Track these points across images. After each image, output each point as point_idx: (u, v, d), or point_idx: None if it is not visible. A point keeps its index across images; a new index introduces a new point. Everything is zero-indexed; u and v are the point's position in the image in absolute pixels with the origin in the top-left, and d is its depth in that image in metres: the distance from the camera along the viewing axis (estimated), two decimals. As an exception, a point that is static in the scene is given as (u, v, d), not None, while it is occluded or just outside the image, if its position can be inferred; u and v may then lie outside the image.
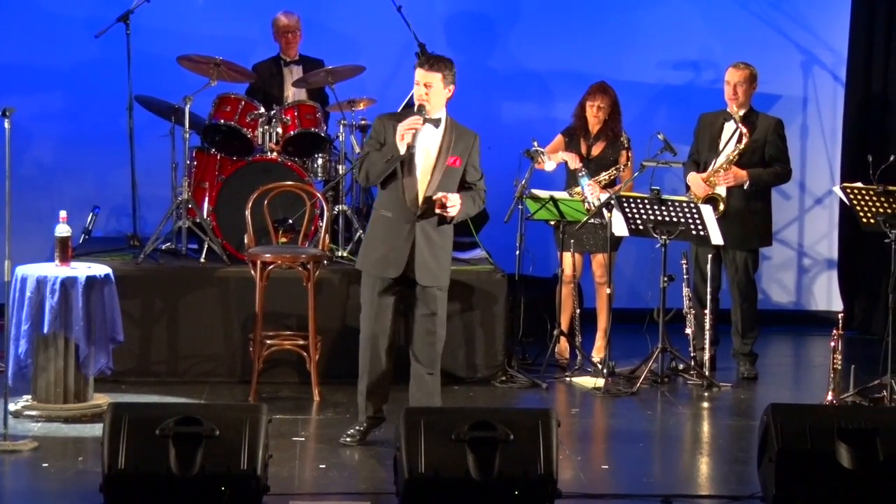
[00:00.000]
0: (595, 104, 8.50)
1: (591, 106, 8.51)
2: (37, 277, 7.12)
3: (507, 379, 8.16)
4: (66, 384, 7.16)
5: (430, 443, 5.52)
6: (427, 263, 6.64)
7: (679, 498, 6.13)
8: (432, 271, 6.65)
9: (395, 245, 6.62)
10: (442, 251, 6.69)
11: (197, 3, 9.78)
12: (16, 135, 6.76)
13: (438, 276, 6.68)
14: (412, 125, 6.52)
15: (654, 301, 8.28)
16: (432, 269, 6.65)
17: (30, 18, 9.69)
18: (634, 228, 8.14)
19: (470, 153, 6.69)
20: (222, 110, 8.60)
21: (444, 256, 6.72)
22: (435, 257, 6.66)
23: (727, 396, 8.08)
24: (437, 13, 9.92)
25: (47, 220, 7.93)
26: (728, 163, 8.27)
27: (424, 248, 6.63)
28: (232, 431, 5.51)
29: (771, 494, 5.71)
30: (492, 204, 9.35)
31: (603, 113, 8.50)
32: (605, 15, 10.02)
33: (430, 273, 6.65)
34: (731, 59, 8.51)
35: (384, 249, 6.66)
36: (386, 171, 6.57)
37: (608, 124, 8.52)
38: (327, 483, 6.24)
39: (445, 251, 6.72)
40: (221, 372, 8.08)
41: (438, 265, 6.68)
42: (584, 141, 8.58)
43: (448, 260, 6.76)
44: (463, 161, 6.66)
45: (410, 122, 6.53)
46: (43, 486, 6.20)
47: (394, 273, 6.64)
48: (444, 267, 6.71)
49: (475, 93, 9.93)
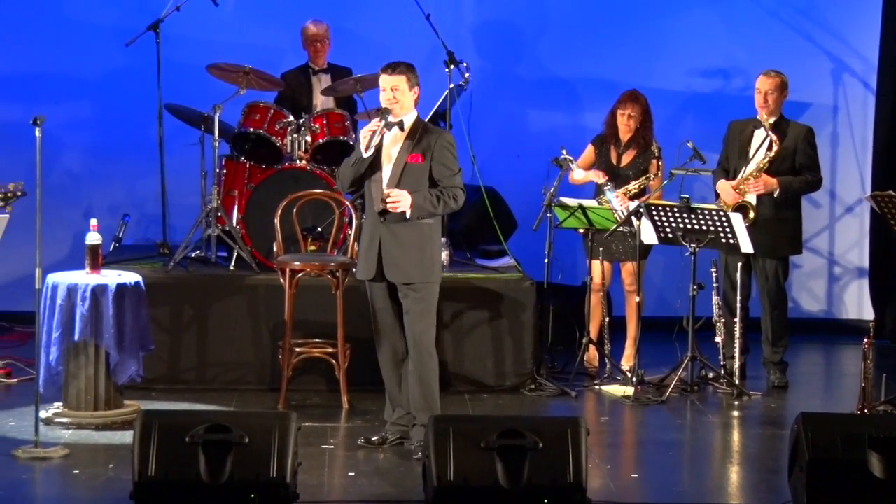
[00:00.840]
0: (626, 112, 8.48)
1: (622, 114, 8.50)
2: (68, 285, 7.15)
3: (536, 387, 8.15)
4: (97, 391, 7.19)
5: (459, 450, 5.51)
6: (395, 260, 6.70)
7: (709, 507, 6.11)
8: (401, 268, 6.70)
9: (369, 247, 6.76)
10: (413, 248, 6.70)
11: (226, 11, 9.82)
12: (46, 143, 6.80)
13: (409, 273, 6.70)
14: (372, 127, 6.66)
15: (684, 309, 8.25)
16: (401, 267, 6.70)
17: (61, 28, 9.74)
18: (664, 237, 8.12)
19: (434, 150, 6.70)
20: (251, 118, 8.63)
21: (417, 253, 6.71)
22: (405, 254, 6.69)
23: (757, 405, 8.05)
24: (466, 21, 9.92)
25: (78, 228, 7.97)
26: (758, 171, 8.24)
27: (391, 246, 6.70)
28: (261, 439, 5.52)
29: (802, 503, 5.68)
30: (520, 212, 9.40)
31: (634, 121, 8.48)
32: (634, 22, 10.00)
33: (398, 270, 6.70)
34: (760, 67, 8.48)
35: (363, 252, 6.81)
36: (353, 174, 6.72)
37: (639, 133, 8.50)
38: (356, 491, 6.24)
39: (418, 248, 6.71)
40: (251, 379, 8.09)
41: (409, 262, 6.70)
42: (614, 149, 8.56)
43: (424, 256, 6.72)
44: (426, 158, 6.70)
45: (371, 125, 6.68)
46: (73, 494, 6.22)
47: (367, 275, 6.77)
48: (417, 264, 6.70)
49: (503, 101, 9.95)
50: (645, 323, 8.44)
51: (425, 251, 6.75)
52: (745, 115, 8.48)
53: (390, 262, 6.71)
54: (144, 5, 9.37)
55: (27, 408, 7.14)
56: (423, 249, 6.74)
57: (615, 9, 10.00)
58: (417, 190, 6.66)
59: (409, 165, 6.68)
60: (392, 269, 6.72)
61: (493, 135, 9.79)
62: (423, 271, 6.73)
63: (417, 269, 6.71)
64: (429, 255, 6.76)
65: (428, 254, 6.76)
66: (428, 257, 6.76)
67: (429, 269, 6.75)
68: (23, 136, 7.84)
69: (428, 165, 6.71)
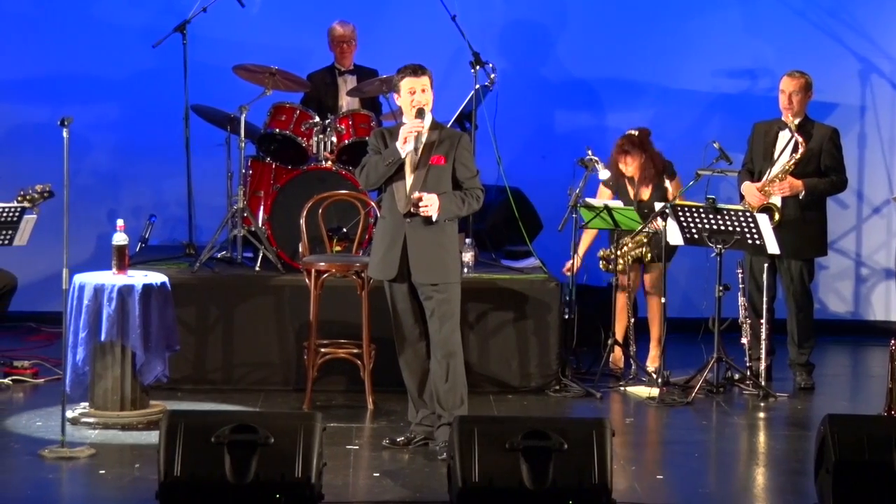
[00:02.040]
0: (625, 160, 8.48)
1: (623, 162, 8.50)
2: (94, 285, 7.18)
3: (561, 388, 8.14)
4: (123, 392, 7.21)
5: (483, 452, 5.51)
6: (420, 260, 6.71)
7: (734, 509, 6.09)
8: (426, 268, 6.71)
9: (390, 247, 6.75)
10: (439, 248, 6.72)
11: (252, 13, 9.85)
12: (74, 144, 6.82)
13: (433, 273, 6.71)
14: (415, 128, 6.65)
15: (709, 310, 8.23)
16: (426, 266, 6.71)
17: (88, 29, 9.79)
18: (689, 237, 8.10)
19: (456, 151, 6.72)
20: (277, 119, 8.65)
21: (441, 253, 6.72)
22: (429, 254, 6.71)
23: (783, 407, 8.02)
24: (492, 22, 9.92)
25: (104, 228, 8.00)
26: (784, 172, 8.22)
27: (415, 246, 6.71)
28: (286, 439, 5.52)
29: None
30: (546, 212, 9.39)
31: (636, 166, 8.47)
32: (661, 23, 9.98)
33: (423, 270, 6.71)
34: (787, 68, 8.45)
35: (382, 252, 6.79)
36: (386, 173, 6.71)
37: (645, 171, 8.48)
38: (381, 491, 6.24)
39: (443, 248, 6.73)
40: (276, 380, 8.11)
41: (433, 262, 6.71)
42: (630, 186, 8.55)
43: (447, 258, 6.74)
44: (448, 159, 6.71)
45: (413, 125, 6.67)
46: (100, 493, 6.25)
47: (389, 275, 6.75)
48: (442, 264, 6.72)
49: (528, 102, 9.94)
50: (670, 324, 8.43)
51: (449, 251, 6.76)
52: (772, 116, 8.46)
53: (415, 262, 6.72)
54: (171, 7, 9.40)
55: (54, 408, 7.18)
56: (446, 250, 6.75)
57: (642, 10, 9.98)
58: (441, 191, 6.67)
59: (433, 167, 6.70)
60: (417, 268, 6.72)
61: (519, 136, 9.79)
62: (447, 271, 6.74)
63: (442, 269, 6.73)
64: (452, 255, 6.79)
65: (451, 254, 6.78)
66: (451, 257, 6.78)
67: (453, 269, 6.77)
68: (50, 137, 7.88)
69: (451, 167, 6.72)
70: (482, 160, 8.99)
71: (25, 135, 9.73)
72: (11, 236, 8.07)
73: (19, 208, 8.00)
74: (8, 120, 9.81)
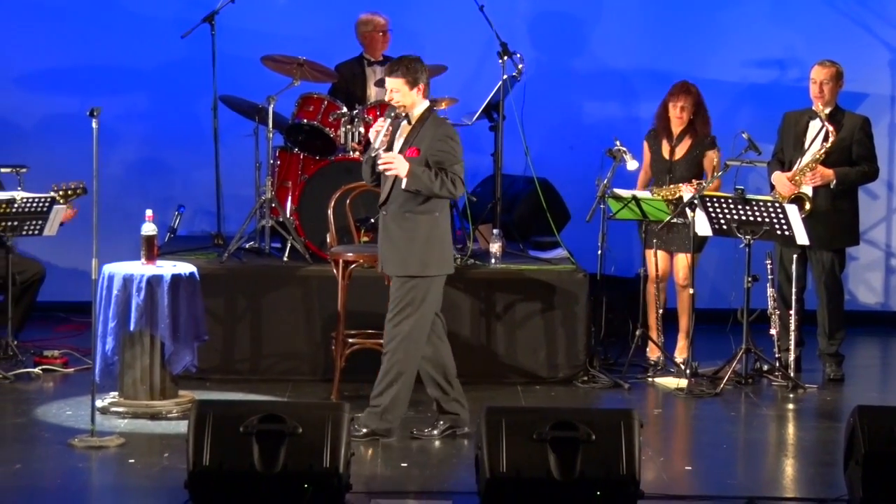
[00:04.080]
0: (678, 104, 8.44)
1: (675, 106, 8.45)
2: (123, 276, 7.21)
3: (589, 379, 8.13)
4: (152, 381, 7.24)
5: (511, 442, 5.51)
6: (385, 253, 6.84)
7: (763, 500, 6.07)
8: (389, 260, 6.82)
9: (380, 240, 6.93)
10: (406, 240, 6.76)
11: (281, 3, 9.85)
12: (103, 134, 6.85)
13: (393, 265, 6.80)
14: (376, 128, 6.83)
15: (738, 301, 8.21)
16: (389, 258, 6.81)
17: (117, 20, 9.81)
18: (718, 228, 8.07)
19: (432, 143, 6.75)
20: (305, 110, 8.65)
21: (403, 246, 6.76)
22: (395, 246, 6.79)
23: (812, 398, 7.99)
24: (520, 12, 9.90)
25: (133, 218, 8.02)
26: (814, 162, 8.18)
27: (384, 238, 6.85)
28: (314, 429, 5.53)
29: (857, 497, 5.63)
30: (574, 203, 9.37)
31: (686, 113, 8.44)
32: (689, 13, 9.94)
33: (387, 262, 6.84)
34: (816, 57, 8.41)
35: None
36: (367, 168, 6.91)
37: (692, 124, 8.45)
38: (409, 481, 6.25)
39: (412, 241, 6.76)
40: (304, 370, 8.13)
41: (397, 253, 6.78)
42: (666, 142, 8.52)
43: (409, 249, 6.76)
44: (422, 152, 6.74)
45: (376, 125, 6.85)
46: (129, 482, 6.27)
47: (380, 267, 6.93)
48: (402, 256, 6.76)
49: (557, 92, 9.92)
50: (699, 315, 8.40)
51: (417, 244, 6.76)
52: (802, 106, 8.41)
53: (382, 254, 6.87)
54: (199, -3, 9.43)
55: (83, 397, 7.21)
56: (411, 242, 6.76)
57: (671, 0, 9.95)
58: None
59: (407, 159, 6.75)
60: (384, 261, 6.86)
61: (547, 126, 9.77)
62: (405, 265, 6.77)
63: (401, 261, 6.77)
64: (420, 249, 6.76)
65: (420, 247, 6.76)
66: (420, 250, 6.75)
67: (415, 263, 6.76)
68: (80, 127, 7.91)
69: (423, 158, 6.74)
70: (510, 150, 9.00)
71: (55, 125, 9.78)
72: (41, 226, 8.11)
73: (49, 198, 8.04)
74: (38, 110, 9.85)
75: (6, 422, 7.14)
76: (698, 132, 8.45)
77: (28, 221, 8.04)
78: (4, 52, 9.78)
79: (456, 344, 8.12)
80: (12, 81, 9.83)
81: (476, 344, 8.17)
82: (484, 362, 8.15)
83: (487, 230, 8.85)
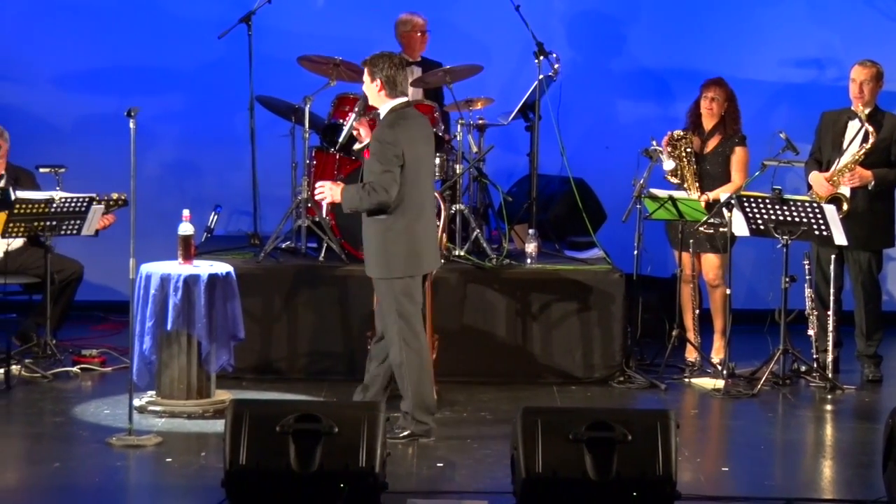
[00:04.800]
0: (709, 95, 8.41)
1: (706, 98, 8.42)
2: (160, 275, 7.24)
3: (625, 379, 8.11)
4: (189, 380, 7.27)
5: (547, 443, 5.50)
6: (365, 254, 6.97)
7: (801, 501, 6.04)
8: (366, 261, 6.92)
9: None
10: (368, 242, 6.87)
11: (317, 4, 9.87)
12: (140, 135, 6.88)
13: (366, 267, 6.90)
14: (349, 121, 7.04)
15: (775, 302, 8.17)
16: (366, 260, 6.92)
17: (154, 21, 9.86)
18: (755, 228, 8.04)
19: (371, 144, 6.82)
20: (341, 110, 8.67)
21: (371, 247, 6.84)
22: (365, 249, 6.93)
23: (851, 399, 7.95)
24: (556, 12, 9.89)
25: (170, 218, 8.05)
26: (853, 162, 8.13)
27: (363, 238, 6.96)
28: (350, 429, 5.54)
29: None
30: (610, 203, 9.35)
31: (717, 105, 8.40)
32: (726, 12, 9.90)
33: (366, 263, 6.93)
34: (854, 57, 8.36)
35: None
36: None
37: (723, 120, 8.41)
38: (444, 481, 6.25)
39: (371, 242, 6.84)
40: (340, 370, 8.14)
41: (366, 257, 6.91)
42: (697, 137, 8.49)
43: (371, 252, 6.84)
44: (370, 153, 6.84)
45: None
46: (166, 481, 6.30)
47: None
48: (370, 258, 6.86)
49: (593, 92, 9.90)
50: (736, 315, 8.36)
51: (374, 245, 6.79)
52: (840, 106, 8.36)
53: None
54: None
55: (121, 396, 7.25)
56: (374, 244, 6.79)
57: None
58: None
59: (365, 161, 6.86)
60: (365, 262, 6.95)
61: (583, 126, 9.75)
62: (370, 266, 6.83)
63: (374, 264, 6.81)
64: (378, 250, 6.78)
65: (377, 248, 6.78)
66: (379, 251, 6.78)
67: (376, 265, 6.80)
68: (118, 127, 7.96)
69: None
70: (546, 150, 8.99)
71: (93, 126, 9.83)
72: (79, 226, 8.16)
73: (87, 198, 8.09)
74: (76, 111, 9.91)
75: (45, 420, 7.18)
76: (728, 128, 8.41)
77: (66, 221, 8.09)
78: (43, 53, 9.84)
79: (492, 344, 8.14)
80: (50, 82, 9.89)
81: (512, 344, 8.16)
82: (520, 362, 8.15)
83: (523, 230, 8.84)
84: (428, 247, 6.85)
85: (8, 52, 9.85)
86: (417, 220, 6.76)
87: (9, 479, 6.29)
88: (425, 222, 6.81)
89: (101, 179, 8.56)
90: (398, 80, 6.77)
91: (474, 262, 8.35)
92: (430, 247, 6.87)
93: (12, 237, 8.07)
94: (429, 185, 6.93)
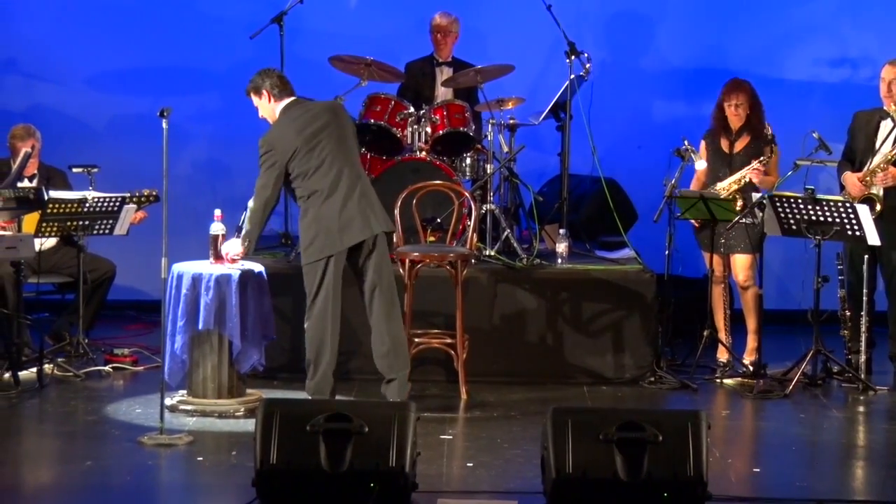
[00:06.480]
0: (733, 102, 8.36)
1: (730, 105, 8.38)
2: (192, 275, 7.27)
3: (656, 380, 8.09)
4: (220, 380, 7.29)
5: (577, 443, 5.49)
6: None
7: (833, 503, 6.00)
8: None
9: None
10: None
11: (349, 4, 9.89)
12: (173, 134, 6.91)
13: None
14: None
15: (807, 302, 8.13)
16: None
17: (187, 21, 9.90)
18: (788, 228, 8.01)
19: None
20: (372, 110, 8.68)
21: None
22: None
23: (883, 400, 7.90)
24: (588, 12, 9.88)
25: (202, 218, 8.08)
26: (886, 162, 8.09)
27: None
28: (381, 429, 5.55)
29: (929, 502, 5.57)
30: (641, 203, 9.33)
31: (742, 110, 8.36)
32: (759, 11, 9.87)
33: None
34: (887, 56, 8.31)
35: None
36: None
37: (750, 120, 8.38)
38: (475, 481, 6.25)
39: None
40: (370, 369, 8.12)
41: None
42: (724, 139, 8.44)
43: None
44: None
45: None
46: (197, 480, 6.32)
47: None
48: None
49: (625, 92, 9.89)
50: (767, 316, 8.33)
51: (301, 237, 7.16)
52: (874, 105, 8.32)
53: None
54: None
55: (153, 395, 7.28)
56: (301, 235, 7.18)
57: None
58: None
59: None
60: None
61: (615, 126, 9.73)
62: (303, 256, 7.16)
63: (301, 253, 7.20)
64: (302, 240, 7.16)
65: (302, 239, 7.16)
66: (302, 242, 7.16)
67: (303, 253, 7.16)
68: (150, 127, 7.99)
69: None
70: (577, 150, 8.99)
71: (126, 125, 9.88)
72: (112, 226, 8.20)
73: (119, 198, 8.13)
74: (109, 111, 9.96)
75: (77, 419, 7.22)
76: (756, 128, 8.37)
77: (99, 221, 8.13)
78: (76, 53, 9.90)
79: (522, 344, 8.14)
80: (84, 82, 9.95)
81: (542, 344, 8.16)
82: (550, 362, 8.14)
83: (554, 230, 8.83)
84: (345, 222, 7.08)
85: (42, 52, 9.91)
86: (325, 201, 7.07)
87: (42, 477, 6.33)
88: (333, 201, 7.07)
89: (134, 179, 8.59)
90: (281, 83, 7.18)
91: (505, 261, 8.35)
92: (347, 222, 7.08)
93: (45, 237, 8.12)
94: (338, 164, 7.11)
